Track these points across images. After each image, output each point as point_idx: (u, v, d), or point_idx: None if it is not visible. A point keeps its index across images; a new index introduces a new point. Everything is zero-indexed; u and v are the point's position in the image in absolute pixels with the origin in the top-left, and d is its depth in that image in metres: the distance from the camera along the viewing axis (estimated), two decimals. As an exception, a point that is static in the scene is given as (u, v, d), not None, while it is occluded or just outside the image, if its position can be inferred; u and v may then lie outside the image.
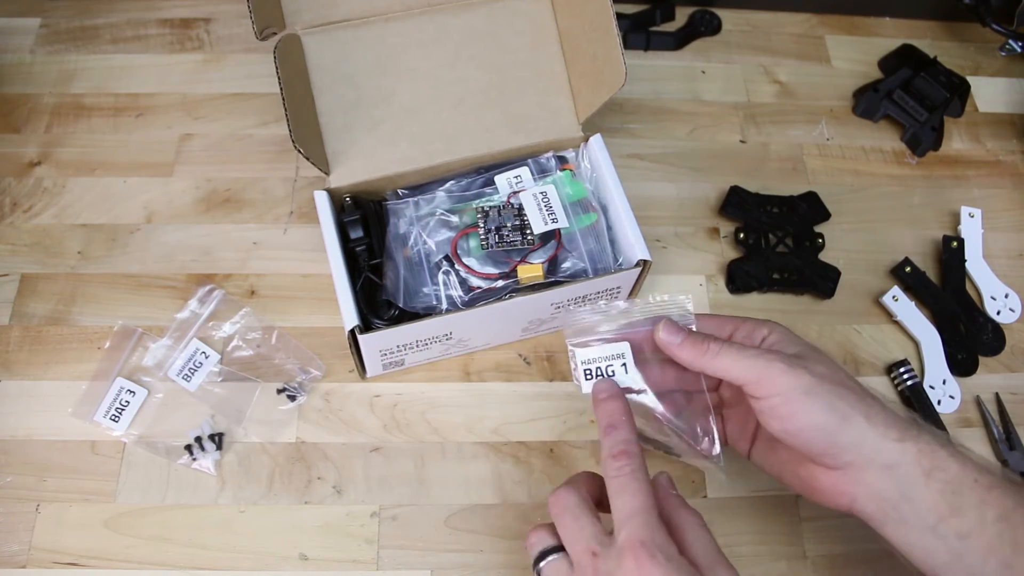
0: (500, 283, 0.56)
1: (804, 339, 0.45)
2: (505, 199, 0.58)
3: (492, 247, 0.56)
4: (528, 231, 0.56)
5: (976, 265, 0.66)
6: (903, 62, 0.75)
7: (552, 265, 0.57)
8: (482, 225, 0.56)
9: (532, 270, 0.56)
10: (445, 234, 0.57)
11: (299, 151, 0.52)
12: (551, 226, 0.56)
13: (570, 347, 0.47)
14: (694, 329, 0.46)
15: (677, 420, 0.46)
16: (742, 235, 0.65)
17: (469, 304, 0.55)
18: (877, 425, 0.41)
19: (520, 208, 0.57)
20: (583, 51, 0.60)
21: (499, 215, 0.57)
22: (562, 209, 0.57)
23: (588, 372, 0.46)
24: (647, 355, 0.47)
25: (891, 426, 0.41)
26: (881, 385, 0.62)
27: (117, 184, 0.65)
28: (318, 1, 0.58)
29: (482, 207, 0.57)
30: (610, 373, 0.46)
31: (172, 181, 0.66)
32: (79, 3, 0.74)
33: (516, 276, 0.56)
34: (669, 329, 0.45)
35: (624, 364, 0.46)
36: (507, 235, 0.56)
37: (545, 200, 0.57)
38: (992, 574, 0.38)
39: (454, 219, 0.58)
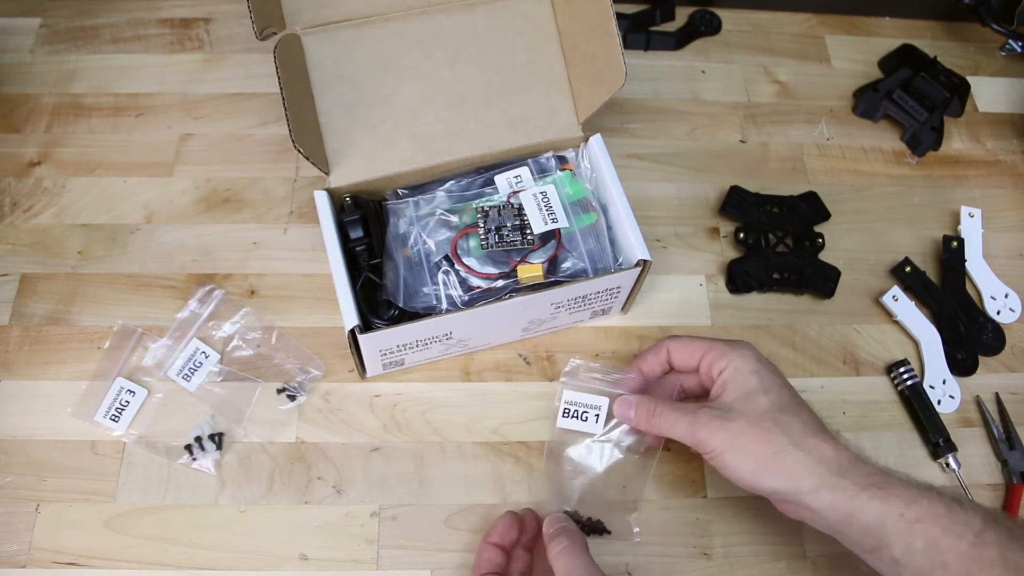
0: (500, 283, 0.56)
1: (763, 363, 0.49)
2: (505, 199, 0.58)
3: (492, 247, 0.56)
4: (528, 231, 0.56)
5: (976, 265, 0.66)
6: (903, 62, 0.75)
7: (552, 265, 0.57)
8: (482, 225, 0.56)
9: (532, 270, 0.56)
10: (445, 234, 0.57)
11: (299, 151, 0.52)
12: (551, 226, 0.56)
13: (561, 385, 0.55)
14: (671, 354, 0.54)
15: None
16: (742, 235, 0.65)
17: (469, 304, 0.55)
18: (798, 477, 0.45)
19: (520, 208, 0.57)
20: (583, 51, 0.59)
21: (499, 215, 0.57)
22: (562, 209, 0.57)
23: (566, 411, 0.54)
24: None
25: (807, 475, 0.44)
26: (881, 385, 0.62)
27: (117, 184, 0.65)
28: (318, 1, 0.58)
29: (482, 207, 0.57)
30: (584, 419, 0.54)
31: (172, 181, 0.66)
32: (79, 3, 0.74)
33: (516, 276, 0.56)
34: (621, 407, 0.52)
35: (597, 415, 0.54)
36: (507, 235, 0.56)
37: (545, 200, 0.57)
38: None
39: (454, 219, 0.57)
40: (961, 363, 0.62)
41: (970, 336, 0.63)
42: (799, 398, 0.49)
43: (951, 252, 0.66)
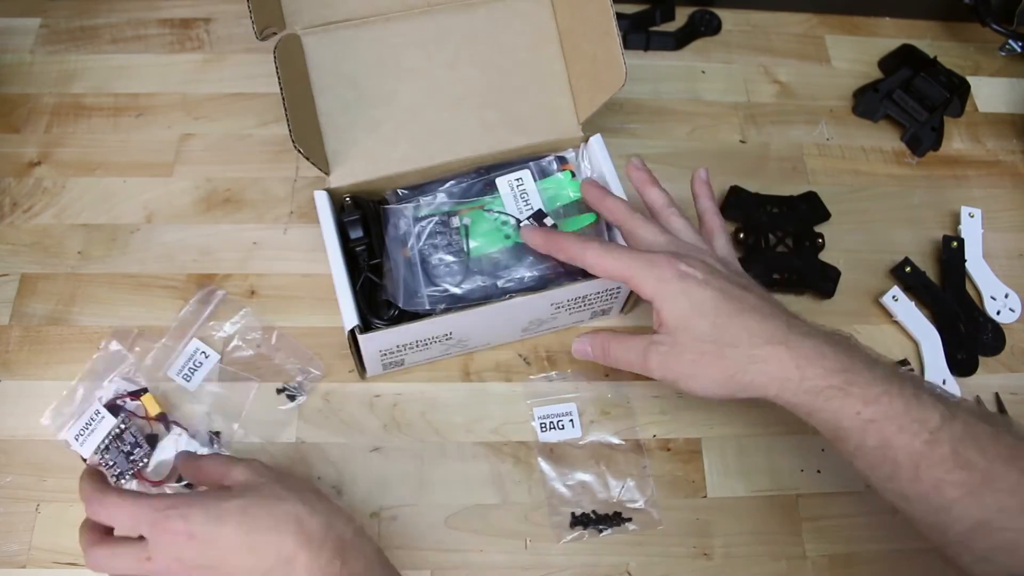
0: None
1: (686, 274, 0.47)
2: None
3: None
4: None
5: (976, 265, 0.66)
6: (903, 62, 0.75)
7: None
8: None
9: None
10: (444, 236, 0.57)
11: (299, 151, 0.52)
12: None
13: (530, 405, 0.58)
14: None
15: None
16: (742, 235, 0.65)
17: (468, 304, 0.55)
18: (762, 387, 0.46)
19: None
20: (583, 51, 0.60)
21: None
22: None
23: (543, 425, 0.57)
24: None
25: (770, 384, 0.45)
26: (881, 385, 0.62)
27: (117, 184, 0.65)
28: (318, 1, 0.58)
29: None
30: (560, 427, 0.57)
31: (172, 181, 0.66)
32: (79, 3, 0.74)
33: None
34: (579, 346, 0.53)
35: (572, 420, 0.57)
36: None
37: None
38: (879, 479, 0.44)
39: (454, 220, 0.57)
40: (961, 363, 0.62)
41: (970, 336, 0.63)
42: (740, 294, 0.47)
43: (951, 252, 0.66)
